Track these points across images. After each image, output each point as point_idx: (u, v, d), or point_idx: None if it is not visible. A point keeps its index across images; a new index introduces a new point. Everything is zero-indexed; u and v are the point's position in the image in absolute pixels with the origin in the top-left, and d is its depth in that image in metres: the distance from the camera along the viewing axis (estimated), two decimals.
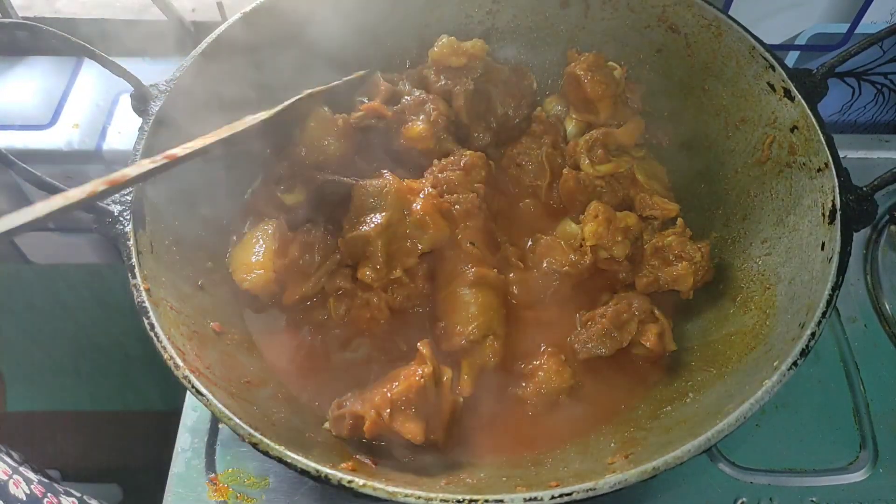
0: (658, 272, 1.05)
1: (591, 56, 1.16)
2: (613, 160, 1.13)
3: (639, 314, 1.01)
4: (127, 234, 0.85)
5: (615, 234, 1.06)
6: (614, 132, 1.15)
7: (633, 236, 1.08)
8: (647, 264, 1.07)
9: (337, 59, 1.15)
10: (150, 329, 0.80)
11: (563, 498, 0.67)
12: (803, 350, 0.79)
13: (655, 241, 1.07)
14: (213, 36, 1.04)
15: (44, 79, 1.48)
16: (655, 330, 1.00)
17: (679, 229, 1.07)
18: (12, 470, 1.03)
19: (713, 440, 0.73)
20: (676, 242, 1.05)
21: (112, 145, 1.40)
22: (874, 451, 1.10)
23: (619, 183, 1.14)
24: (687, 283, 1.04)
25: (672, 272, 1.04)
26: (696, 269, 1.03)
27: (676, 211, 1.11)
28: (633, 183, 1.14)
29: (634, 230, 1.08)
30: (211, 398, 0.75)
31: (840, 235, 0.86)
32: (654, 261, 1.06)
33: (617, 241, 1.06)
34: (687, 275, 1.03)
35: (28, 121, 1.41)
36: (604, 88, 1.14)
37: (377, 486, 0.69)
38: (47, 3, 1.52)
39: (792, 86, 0.97)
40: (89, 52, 0.94)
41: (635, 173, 1.13)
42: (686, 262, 1.03)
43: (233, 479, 1.06)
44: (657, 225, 1.11)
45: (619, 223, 1.07)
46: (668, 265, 1.05)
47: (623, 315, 1.01)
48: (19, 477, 1.03)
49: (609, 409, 0.99)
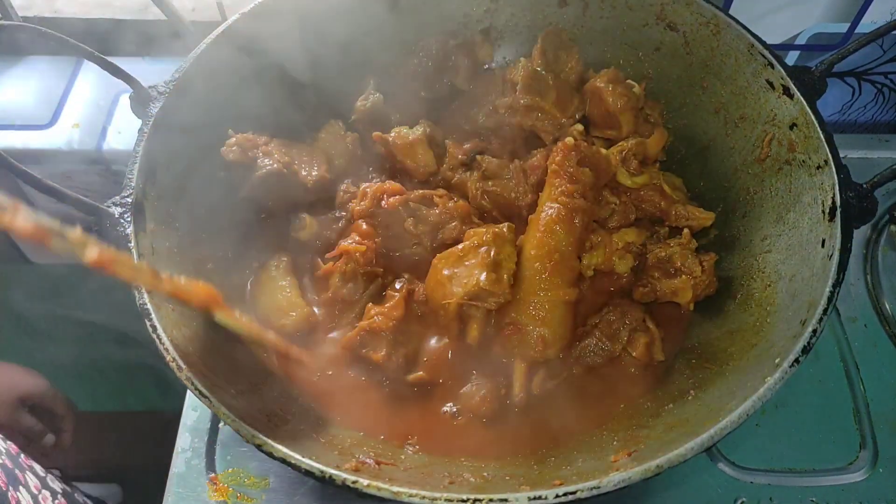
0: (657, 283, 1.04)
1: (610, 71, 1.15)
2: (645, 172, 1.11)
3: (630, 323, 1.00)
4: (128, 236, 0.85)
5: (613, 254, 1.06)
6: (646, 142, 1.13)
7: (635, 249, 1.07)
8: (648, 275, 1.06)
9: (338, 57, 1.15)
10: (153, 331, 0.79)
11: (567, 497, 0.67)
12: (804, 347, 0.78)
13: (659, 251, 1.05)
14: (213, 36, 1.04)
15: (44, 79, 1.48)
16: (644, 340, 1.00)
17: (685, 240, 1.05)
18: (41, 483, 1.03)
19: (716, 438, 0.73)
20: (679, 254, 1.03)
21: (112, 145, 1.40)
22: (874, 451, 1.10)
23: (646, 197, 1.11)
24: (686, 297, 1.03)
25: (671, 285, 1.03)
26: (697, 283, 1.02)
27: (712, 219, 1.09)
28: (663, 195, 1.10)
29: (636, 243, 1.07)
30: (214, 400, 0.75)
31: (840, 232, 0.86)
32: (656, 272, 1.05)
33: (619, 258, 1.06)
34: (686, 288, 1.02)
35: (28, 121, 1.41)
36: (625, 101, 1.12)
37: (381, 486, 0.69)
38: (47, 3, 1.52)
39: (791, 83, 0.97)
40: (88, 54, 0.94)
41: (663, 185, 1.11)
42: (686, 275, 1.02)
43: (233, 479, 1.06)
44: (664, 233, 1.10)
45: (618, 243, 1.06)
46: (669, 277, 1.04)
47: (614, 325, 1.01)
48: (47, 492, 1.03)
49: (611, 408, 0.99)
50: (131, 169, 0.89)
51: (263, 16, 1.07)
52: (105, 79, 0.95)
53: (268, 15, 1.08)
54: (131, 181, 0.88)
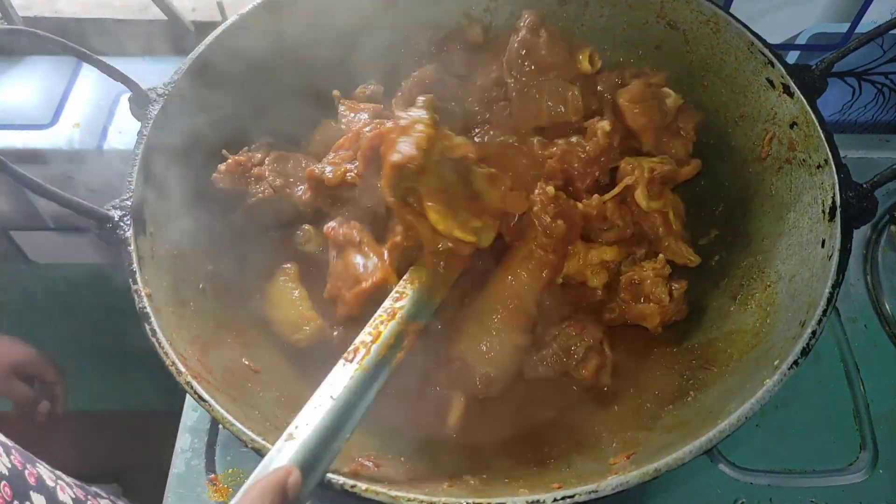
0: (626, 307, 1.03)
1: (638, 85, 1.10)
2: (663, 197, 1.08)
3: (587, 341, 0.99)
4: (128, 239, 0.85)
5: (587, 268, 1.05)
6: (678, 171, 1.10)
7: (612, 266, 1.06)
8: (619, 297, 1.04)
9: (337, 58, 1.15)
10: (152, 335, 0.79)
11: (565, 500, 0.67)
12: (804, 348, 0.78)
13: (632, 274, 1.04)
14: (213, 36, 1.03)
15: (44, 79, 1.48)
16: (595, 362, 0.99)
17: (658, 265, 1.03)
18: (56, 475, 1.02)
19: (715, 440, 0.72)
20: (651, 280, 1.02)
21: (113, 145, 1.40)
22: (874, 451, 1.10)
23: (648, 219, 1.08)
24: (653, 323, 1.02)
25: (639, 309, 1.02)
26: (665, 310, 1.01)
27: (697, 262, 1.07)
28: (665, 223, 1.07)
29: (614, 262, 1.06)
30: (213, 403, 0.75)
31: (840, 232, 0.85)
32: (626, 294, 1.04)
33: (593, 274, 1.05)
34: (654, 314, 1.01)
35: (28, 121, 1.41)
36: (645, 121, 1.08)
37: (379, 491, 0.68)
38: (47, 3, 1.51)
39: (791, 82, 0.97)
40: (86, 57, 0.93)
41: (670, 212, 1.07)
42: (654, 303, 1.01)
43: (233, 479, 1.06)
44: (640, 255, 1.08)
45: (594, 259, 1.05)
46: (638, 302, 1.02)
47: (572, 340, 1.00)
48: (64, 483, 1.03)
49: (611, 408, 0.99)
50: (130, 172, 0.89)
51: (263, 16, 1.07)
52: (106, 79, 0.95)
53: (268, 15, 1.08)
54: (131, 184, 0.88)
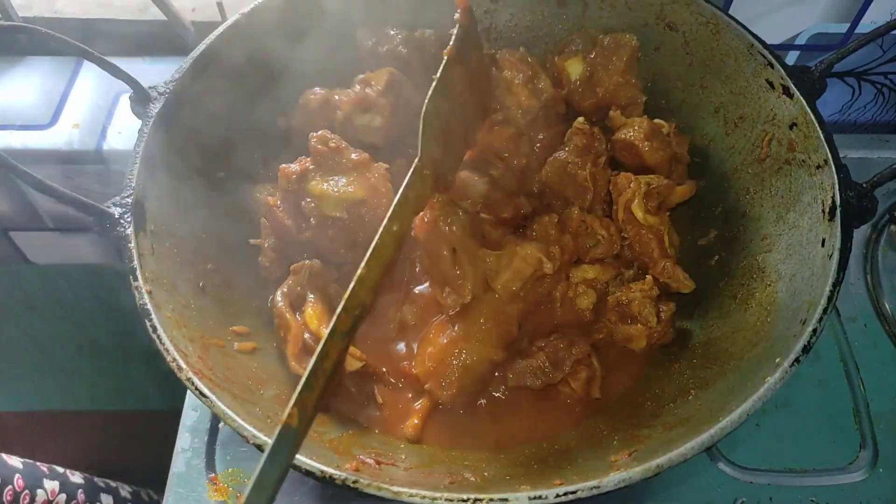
0: (613, 328, 1.04)
1: (645, 123, 1.11)
2: (659, 215, 1.09)
3: (576, 354, 1.00)
4: (128, 236, 0.85)
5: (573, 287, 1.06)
6: (675, 188, 1.11)
7: (598, 285, 1.06)
8: (606, 318, 1.05)
9: (336, 58, 1.15)
10: (153, 331, 0.79)
11: (567, 496, 0.67)
12: (805, 347, 0.78)
13: (620, 295, 1.04)
14: (213, 36, 1.04)
15: (44, 79, 1.48)
16: (585, 375, 1.00)
17: (646, 286, 1.03)
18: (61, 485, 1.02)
19: (716, 438, 0.73)
20: (639, 301, 1.02)
21: (112, 145, 1.40)
22: (874, 451, 1.10)
23: (644, 239, 1.08)
24: (640, 345, 1.02)
25: (626, 331, 1.02)
26: (652, 332, 1.01)
27: (692, 288, 1.07)
28: (660, 245, 1.07)
29: (600, 280, 1.07)
30: (214, 400, 0.75)
31: (840, 232, 0.86)
32: (613, 315, 1.04)
33: (580, 293, 1.05)
34: (640, 336, 1.01)
35: (28, 121, 1.41)
36: (662, 154, 1.10)
37: (382, 486, 0.68)
38: (47, 3, 1.52)
39: (790, 83, 0.98)
40: (88, 55, 0.93)
41: (666, 235, 1.07)
42: (641, 325, 1.01)
43: (233, 478, 1.06)
44: (628, 276, 1.08)
45: (576, 277, 1.06)
46: (625, 323, 1.03)
47: (560, 353, 1.00)
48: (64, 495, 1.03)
49: (528, 433, 0.99)
50: (131, 169, 0.89)
51: (263, 16, 1.07)
52: (105, 79, 0.95)
53: (267, 15, 1.08)
54: (131, 181, 0.88)
